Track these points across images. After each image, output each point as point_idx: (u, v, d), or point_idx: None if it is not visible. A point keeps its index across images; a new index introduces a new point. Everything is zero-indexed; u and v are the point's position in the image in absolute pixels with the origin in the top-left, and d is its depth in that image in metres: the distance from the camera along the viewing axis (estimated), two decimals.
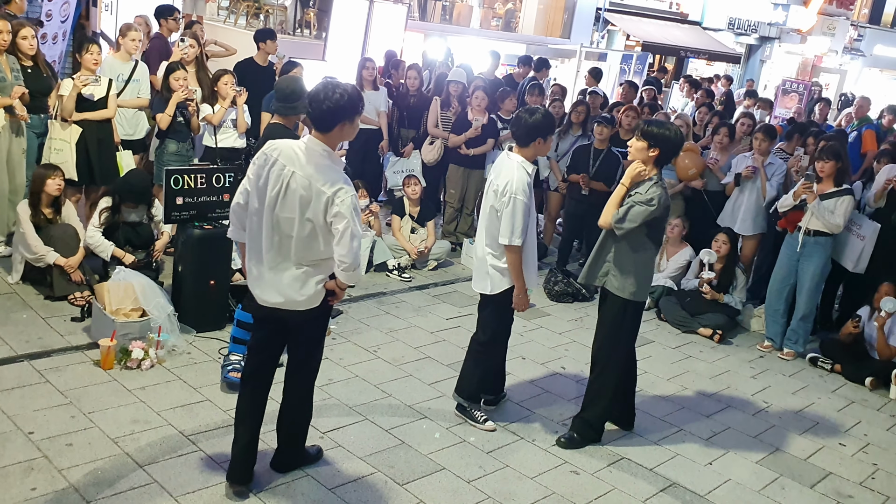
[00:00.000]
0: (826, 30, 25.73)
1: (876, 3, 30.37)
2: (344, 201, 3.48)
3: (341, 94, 3.54)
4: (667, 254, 7.39)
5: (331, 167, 3.55)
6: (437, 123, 8.29)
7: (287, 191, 3.54)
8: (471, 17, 18.33)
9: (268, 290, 3.68)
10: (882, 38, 29.98)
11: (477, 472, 4.31)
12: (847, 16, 27.06)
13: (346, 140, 3.77)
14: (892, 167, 6.69)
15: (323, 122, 3.57)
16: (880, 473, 4.87)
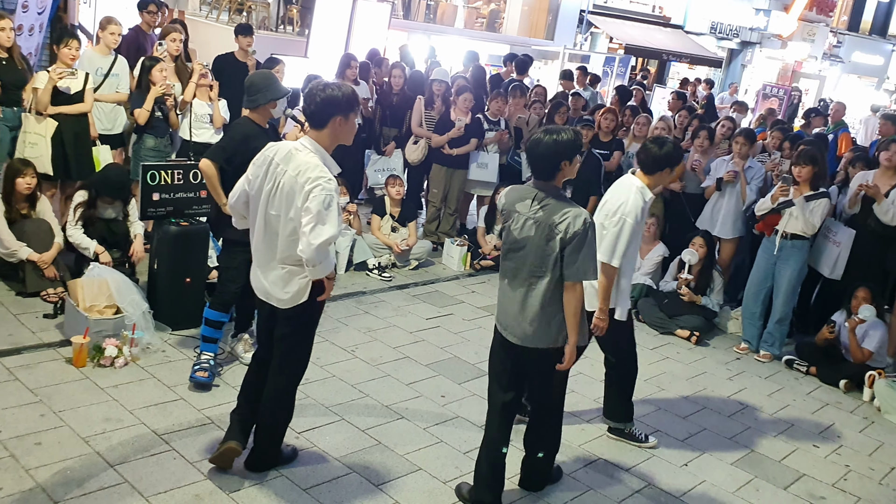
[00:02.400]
0: (806, 36, 25.96)
1: (855, 11, 30.68)
2: (316, 196, 3.46)
3: (335, 88, 3.61)
4: (640, 251, 7.42)
5: (317, 165, 3.54)
6: (422, 123, 8.27)
7: (278, 189, 3.59)
8: (455, 17, 18.32)
9: (258, 286, 3.81)
10: (860, 45, 30.30)
11: (453, 472, 4.29)
12: (826, 22, 27.31)
13: (343, 141, 3.73)
14: (864, 174, 6.76)
15: (316, 118, 3.60)
16: (852, 475, 4.90)
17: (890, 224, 6.46)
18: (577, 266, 3.63)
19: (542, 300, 3.71)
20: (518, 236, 3.75)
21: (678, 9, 22.36)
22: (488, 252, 7.88)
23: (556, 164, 3.70)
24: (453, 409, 4.98)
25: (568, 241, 3.62)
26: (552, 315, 3.73)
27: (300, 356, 3.95)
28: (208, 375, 4.74)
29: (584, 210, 3.69)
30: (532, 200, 3.74)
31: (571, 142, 3.70)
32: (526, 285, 3.74)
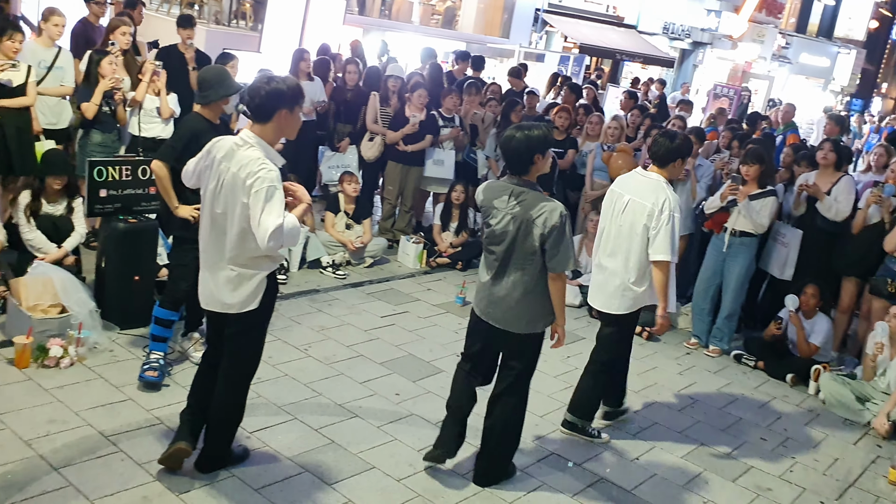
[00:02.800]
0: (756, 37, 26.48)
1: (802, 13, 31.41)
2: (258, 191, 3.41)
3: (279, 82, 3.56)
4: (586, 249, 7.53)
5: (257, 158, 3.49)
6: (377, 119, 8.22)
7: (222, 187, 3.54)
8: (411, 13, 18.28)
9: (204, 291, 3.74)
10: (807, 47, 31.03)
11: (407, 470, 4.28)
12: (775, 24, 27.89)
13: (287, 136, 3.71)
14: (805, 175, 6.93)
15: (261, 111, 3.55)
16: (798, 466, 5.02)
17: (835, 220, 6.62)
18: (559, 257, 3.87)
19: (524, 290, 3.95)
20: (498, 231, 3.94)
21: (632, 9, 22.62)
22: (444, 250, 7.89)
23: (529, 159, 3.89)
24: (408, 407, 4.97)
25: (547, 235, 3.83)
26: (533, 303, 3.98)
27: (251, 355, 3.90)
28: (158, 375, 4.66)
29: (559, 204, 3.90)
30: (509, 196, 3.92)
31: (543, 137, 3.90)
32: (508, 276, 3.97)
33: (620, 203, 4.67)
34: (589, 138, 8.35)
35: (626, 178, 4.81)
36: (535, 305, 4.00)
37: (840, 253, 6.67)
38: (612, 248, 4.71)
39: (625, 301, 4.68)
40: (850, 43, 33.77)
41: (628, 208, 4.61)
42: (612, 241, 4.70)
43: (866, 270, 6.47)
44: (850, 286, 6.74)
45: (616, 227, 4.68)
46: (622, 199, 4.66)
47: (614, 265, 4.68)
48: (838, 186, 6.65)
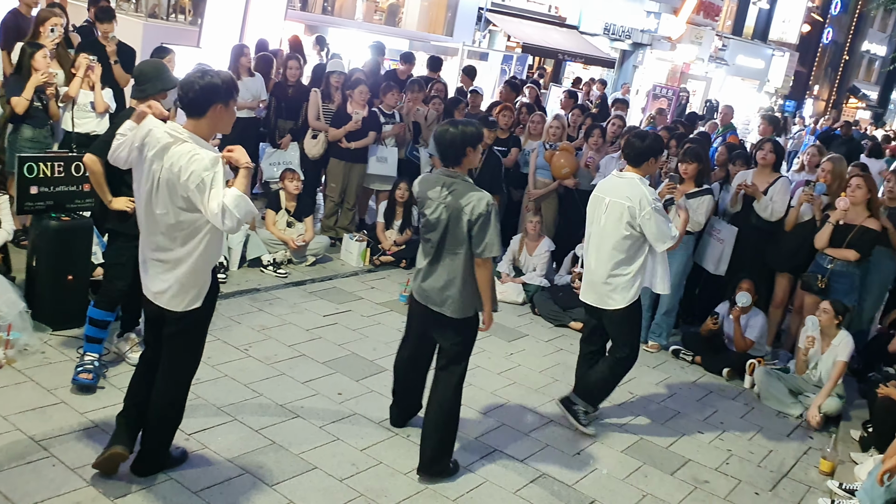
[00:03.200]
0: (694, 39, 27.04)
1: (738, 16, 32.20)
2: (195, 173, 3.35)
3: (213, 76, 3.49)
4: (527, 248, 7.62)
5: (188, 152, 3.41)
6: (319, 116, 8.15)
7: (158, 187, 3.46)
8: (354, 10, 18.15)
9: (147, 288, 3.67)
10: (743, 49, 31.83)
11: (350, 469, 4.26)
12: (713, 26, 28.51)
13: (222, 130, 3.65)
14: (743, 173, 7.09)
15: (195, 106, 3.47)
16: (734, 459, 5.14)
17: (770, 220, 6.80)
18: (485, 244, 4.07)
19: (457, 275, 4.17)
20: (432, 220, 4.18)
21: (573, 9, 22.85)
22: (388, 248, 7.86)
23: (461, 151, 4.15)
24: (350, 407, 4.94)
25: (474, 222, 4.05)
26: (465, 288, 4.18)
27: (191, 356, 3.83)
28: (92, 377, 4.54)
29: (487, 194, 4.12)
30: (441, 187, 4.17)
31: (475, 132, 4.18)
32: (442, 262, 4.20)
33: (602, 206, 4.88)
34: (531, 137, 8.42)
35: (606, 182, 5.04)
36: (467, 290, 4.19)
37: (773, 250, 6.85)
38: (599, 248, 4.90)
39: (622, 295, 4.88)
40: (783, 46, 34.77)
41: (609, 208, 4.83)
42: (599, 242, 4.90)
43: (798, 267, 6.66)
44: (783, 282, 6.93)
45: (600, 227, 4.89)
46: (603, 201, 4.87)
47: (605, 265, 4.87)
48: (775, 187, 6.82)
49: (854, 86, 43.56)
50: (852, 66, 43.08)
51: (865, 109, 43.75)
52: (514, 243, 7.78)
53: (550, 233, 7.91)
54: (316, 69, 9.40)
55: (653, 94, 17.82)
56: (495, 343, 6.37)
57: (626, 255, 4.83)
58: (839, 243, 6.21)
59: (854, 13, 40.29)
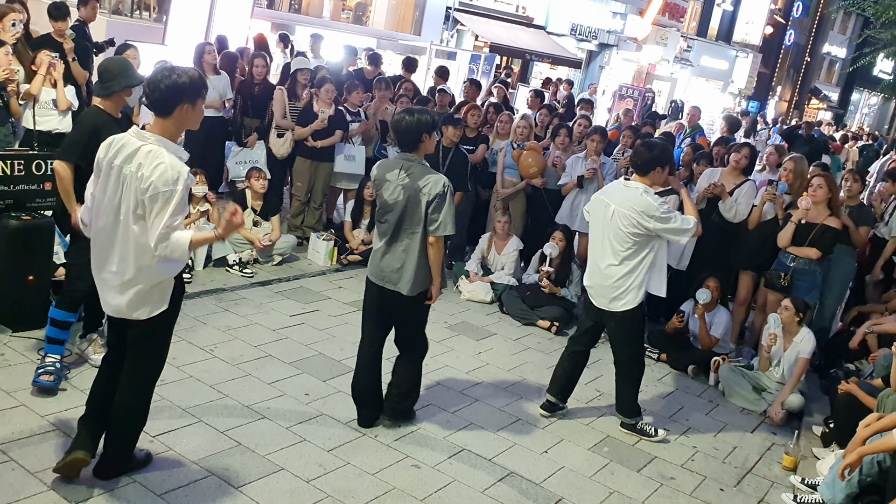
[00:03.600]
0: (659, 40, 27.29)
1: (703, 18, 32.58)
2: (154, 185, 3.30)
3: (180, 74, 3.42)
4: (496, 247, 7.64)
5: (159, 160, 3.35)
6: (286, 114, 8.09)
7: (124, 190, 3.40)
8: (321, 8, 18.04)
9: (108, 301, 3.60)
10: (708, 50, 32.21)
11: (317, 470, 4.23)
12: (678, 27, 28.81)
13: (190, 127, 3.60)
14: (711, 171, 7.17)
15: (162, 106, 3.41)
16: (699, 455, 5.20)
17: (733, 221, 6.88)
18: (440, 223, 4.36)
19: (412, 255, 4.44)
20: (390, 201, 4.42)
21: (540, 10, 22.95)
22: (355, 247, 7.83)
23: (417, 137, 4.42)
24: (317, 407, 4.91)
25: (431, 202, 4.33)
26: (420, 267, 4.47)
27: (155, 358, 3.78)
28: (54, 379, 4.46)
29: (443, 176, 4.41)
30: (399, 170, 4.43)
31: (429, 121, 4.45)
32: (399, 243, 4.46)
33: (608, 211, 4.91)
34: (499, 137, 8.44)
35: (612, 188, 5.09)
36: (421, 268, 4.48)
37: (737, 248, 6.95)
38: (605, 252, 4.96)
39: (637, 294, 4.96)
40: (747, 47, 35.24)
41: (614, 216, 4.88)
42: (605, 246, 4.95)
43: (761, 265, 6.75)
44: (746, 280, 7.03)
45: (602, 233, 4.96)
46: (609, 208, 4.91)
47: (612, 268, 4.93)
48: (741, 189, 6.90)
49: (815, 87, 44.34)
50: (814, 68, 43.83)
51: (826, 110, 44.55)
52: (482, 242, 7.79)
53: (518, 232, 7.93)
54: (284, 68, 9.33)
55: (619, 95, 17.97)
56: (463, 342, 6.37)
57: (635, 259, 4.90)
58: (801, 242, 6.31)
59: (815, 16, 40.98)
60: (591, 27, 24.64)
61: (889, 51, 23.22)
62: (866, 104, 50.50)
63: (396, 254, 4.47)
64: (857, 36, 35.77)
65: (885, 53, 24.48)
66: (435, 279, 4.53)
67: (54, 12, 7.38)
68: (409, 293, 4.47)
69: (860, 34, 31.91)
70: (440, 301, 7.09)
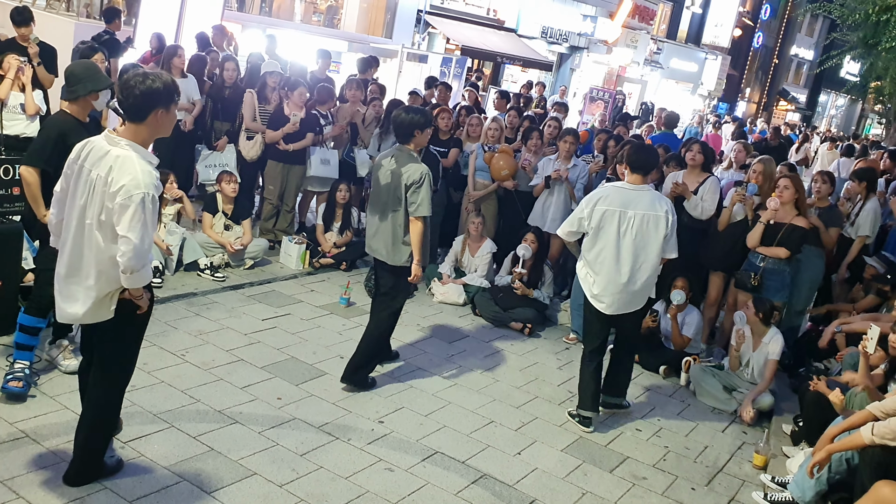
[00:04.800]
0: (629, 42, 27.54)
1: (672, 20, 32.94)
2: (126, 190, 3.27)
3: (154, 79, 3.38)
4: (469, 249, 7.66)
5: (130, 168, 3.32)
6: (255, 117, 8.05)
7: (92, 195, 3.36)
8: (292, 11, 17.99)
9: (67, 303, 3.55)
10: (677, 53, 32.56)
11: (290, 475, 4.22)
12: (648, 30, 29.10)
13: (162, 134, 3.57)
14: (675, 173, 7.24)
15: (136, 111, 3.39)
16: (671, 455, 5.25)
17: (700, 218, 6.96)
18: (417, 204, 5.01)
19: (391, 229, 5.11)
20: (381, 183, 5.17)
21: (511, 13, 23.06)
22: (328, 250, 7.81)
23: (410, 132, 5.12)
24: (290, 411, 4.89)
25: (409, 186, 4.99)
26: (396, 240, 5.11)
27: (123, 364, 3.74)
28: (23, 385, 4.40)
29: (423, 165, 5.09)
30: (391, 158, 5.18)
31: (421, 119, 5.16)
32: (385, 217, 5.14)
33: (623, 219, 5.06)
34: (470, 139, 8.46)
35: (618, 197, 5.13)
36: (397, 242, 5.11)
37: (707, 249, 7.01)
38: (628, 259, 5.10)
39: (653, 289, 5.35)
40: (716, 49, 35.67)
41: (637, 221, 5.06)
42: (628, 253, 5.10)
43: (732, 265, 6.82)
44: (716, 280, 7.10)
45: (623, 240, 5.09)
46: (627, 215, 5.06)
47: (642, 273, 5.14)
48: (704, 186, 6.99)
49: (784, 89, 44.99)
50: (782, 70, 44.47)
51: (795, 112, 45.21)
52: (456, 244, 7.80)
53: (491, 234, 7.96)
54: (251, 70, 9.27)
55: (590, 97, 18.08)
56: (436, 345, 6.38)
57: (658, 257, 5.18)
58: (770, 242, 6.40)
59: (783, 18, 41.59)
60: (561, 30, 24.81)
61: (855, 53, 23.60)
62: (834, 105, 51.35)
63: (381, 228, 5.14)
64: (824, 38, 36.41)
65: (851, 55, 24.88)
66: (415, 255, 5.07)
67: (17, 17, 7.27)
68: (392, 262, 5.15)
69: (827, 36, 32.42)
70: (412, 303, 7.13)
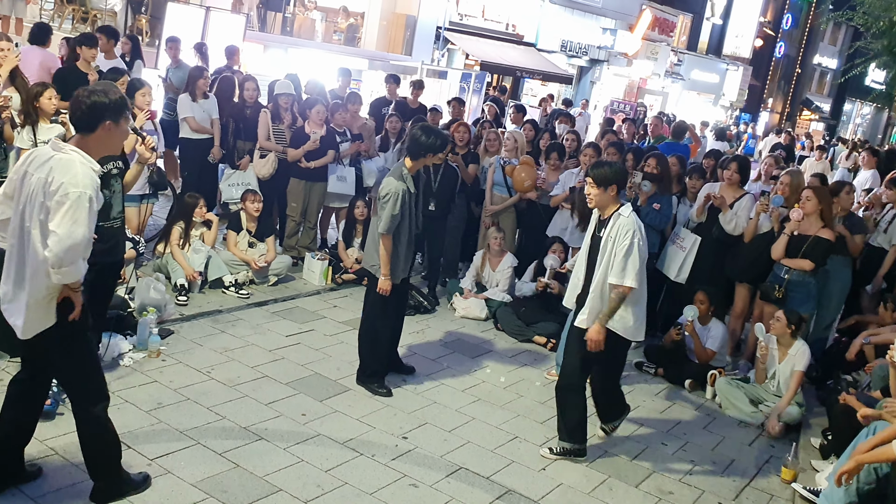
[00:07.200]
0: (650, 54, 27.51)
1: (693, 32, 32.86)
2: (64, 187, 3.29)
3: (101, 93, 3.50)
4: (490, 264, 7.65)
5: (69, 169, 3.35)
6: (269, 136, 8.13)
7: (34, 199, 3.39)
8: (313, 31, 18.16)
9: (14, 316, 3.51)
10: (698, 64, 32.46)
11: (315, 491, 4.23)
12: (668, 42, 29.06)
13: (112, 150, 3.66)
14: (711, 185, 7.19)
15: (83, 123, 3.49)
16: (697, 469, 5.19)
17: (732, 234, 6.90)
18: (381, 220, 5.26)
19: (374, 235, 5.40)
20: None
21: (530, 27, 23.13)
22: (350, 265, 7.84)
23: (422, 153, 5.39)
24: (315, 428, 4.91)
25: (380, 200, 5.30)
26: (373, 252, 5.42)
27: (78, 376, 3.67)
28: (51, 403, 4.44)
29: (394, 182, 5.25)
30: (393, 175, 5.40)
31: (434, 144, 5.36)
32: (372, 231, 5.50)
33: None
34: (488, 153, 8.48)
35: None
36: (374, 251, 5.42)
37: (732, 260, 6.96)
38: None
39: None
40: (737, 60, 35.54)
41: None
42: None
43: (757, 277, 6.75)
44: (742, 292, 7.03)
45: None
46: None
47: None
48: (741, 203, 6.91)
49: (807, 98, 44.62)
50: (805, 79, 44.13)
51: (819, 121, 44.81)
52: (476, 259, 7.81)
53: (511, 247, 7.95)
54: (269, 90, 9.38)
55: (610, 110, 18.06)
56: (458, 359, 6.38)
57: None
58: (795, 254, 6.33)
59: (805, 27, 41.32)
60: (581, 43, 24.82)
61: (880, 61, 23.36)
62: (859, 114, 50.82)
63: (369, 234, 5.53)
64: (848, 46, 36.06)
65: (876, 63, 24.63)
66: (383, 268, 5.34)
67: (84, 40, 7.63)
68: (366, 265, 5.58)
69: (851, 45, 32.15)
70: (434, 318, 7.15)
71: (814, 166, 15.90)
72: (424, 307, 7.36)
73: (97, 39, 7.85)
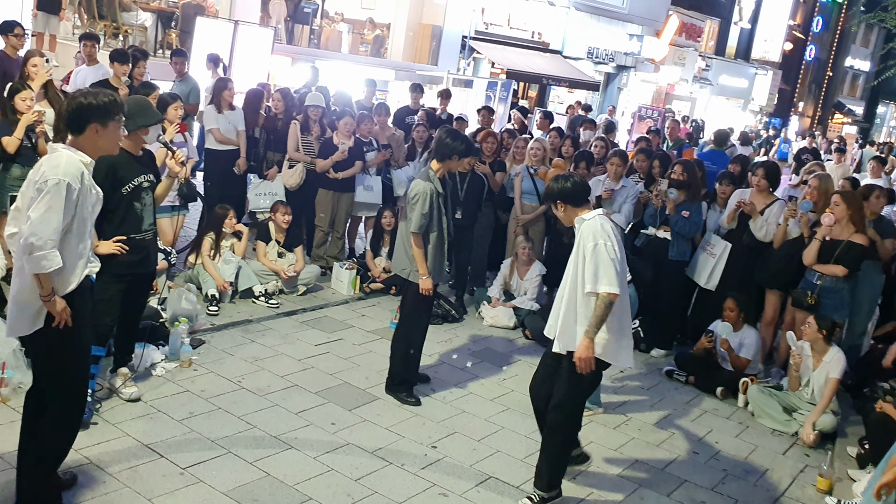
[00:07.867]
0: (677, 60, 27.34)
1: (720, 36, 32.61)
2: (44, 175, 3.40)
3: (89, 96, 3.61)
4: (518, 273, 7.63)
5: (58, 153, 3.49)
6: (298, 147, 8.20)
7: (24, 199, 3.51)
8: (340, 43, 18.30)
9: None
10: (727, 69, 32.20)
11: (345, 500, 4.24)
12: (695, 47, 28.87)
13: (106, 149, 3.75)
14: (742, 191, 7.12)
15: (73, 124, 3.60)
16: (729, 478, 5.13)
17: (763, 240, 6.83)
18: (412, 219, 5.30)
19: (404, 238, 5.44)
20: None
21: (556, 35, 23.10)
22: (377, 275, 7.87)
23: (448, 155, 5.40)
24: (344, 437, 4.92)
25: (408, 202, 5.37)
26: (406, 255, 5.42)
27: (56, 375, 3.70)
28: (86, 413, 4.51)
29: (426, 184, 5.31)
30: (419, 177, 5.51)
31: (460, 148, 5.41)
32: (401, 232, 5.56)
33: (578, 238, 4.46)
34: (516, 161, 8.47)
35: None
36: (403, 254, 5.45)
37: (762, 267, 6.88)
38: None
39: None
40: (766, 64, 35.18)
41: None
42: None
43: (788, 283, 6.67)
44: (773, 299, 6.95)
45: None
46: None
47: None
48: (771, 209, 6.84)
49: (839, 101, 44.01)
50: (836, 82, 43.57)
51: (852, 125, 44.17)
52: (504, 268, 7.79)
53: (539, 255, 7.93)
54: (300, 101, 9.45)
55: (638, 116, 17.98)
56: (488, 368, 6.37)
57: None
58: (827, 259, 6.25)
59: (836, 30, 40.84)
60: (607, 50, 24.74)
61: None
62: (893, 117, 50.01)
63: (399, 238, 5.54)
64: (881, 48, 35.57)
65: None
66: (419, 268, 5.36)
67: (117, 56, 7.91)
68: (396, 270, 5.61)
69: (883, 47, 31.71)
70: (462, 327, 7.15)
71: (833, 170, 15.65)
72: (452, 316, 7.36)
73: (129, 56, 7.97)
